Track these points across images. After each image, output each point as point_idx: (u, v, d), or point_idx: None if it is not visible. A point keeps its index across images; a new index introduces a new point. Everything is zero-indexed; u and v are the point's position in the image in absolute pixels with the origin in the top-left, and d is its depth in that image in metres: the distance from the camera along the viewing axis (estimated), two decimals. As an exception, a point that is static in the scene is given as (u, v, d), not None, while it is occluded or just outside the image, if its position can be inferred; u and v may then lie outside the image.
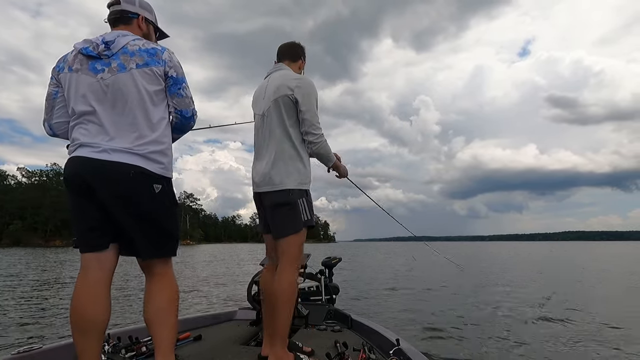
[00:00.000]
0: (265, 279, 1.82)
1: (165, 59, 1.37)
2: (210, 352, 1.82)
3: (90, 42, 1.34)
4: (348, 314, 2.44)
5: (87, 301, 1.28)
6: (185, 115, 1.45)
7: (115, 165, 1.26)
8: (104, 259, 1.32)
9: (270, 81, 1.77)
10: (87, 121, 1.31)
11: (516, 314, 5.26)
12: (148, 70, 1.33)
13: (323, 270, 2.95)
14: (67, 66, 1.36)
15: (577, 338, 3.96)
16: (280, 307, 1.60)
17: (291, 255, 1.65)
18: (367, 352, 1.70)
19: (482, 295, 6.95)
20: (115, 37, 1.35)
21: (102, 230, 1.31)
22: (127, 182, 1.27)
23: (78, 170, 1.29)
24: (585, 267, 14.54)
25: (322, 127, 1.71)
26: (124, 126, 1.30)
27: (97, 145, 1.28)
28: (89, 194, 1.28)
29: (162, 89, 1.38)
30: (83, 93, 1.31)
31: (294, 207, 1.64)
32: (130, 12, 1.44)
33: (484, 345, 3.72)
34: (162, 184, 1.35)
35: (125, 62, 1.32)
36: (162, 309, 1.35)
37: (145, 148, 1.31)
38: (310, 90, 1.69)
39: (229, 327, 2.36)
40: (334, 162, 1.79)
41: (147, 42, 1.39)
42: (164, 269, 1.38)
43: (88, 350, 1.28)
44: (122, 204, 1.28)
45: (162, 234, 1.35)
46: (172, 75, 1.38)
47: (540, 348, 3.62)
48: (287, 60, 1.86)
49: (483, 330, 4.31)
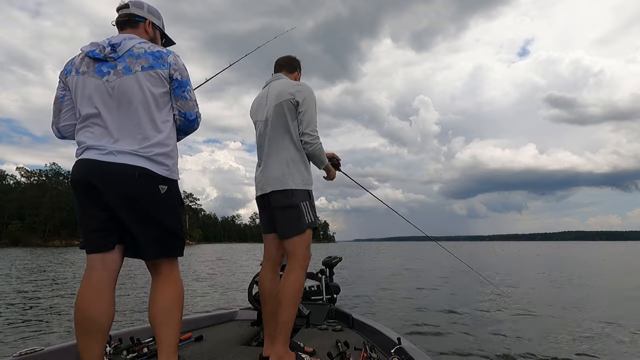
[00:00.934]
0: (263, 279, 1.84)
1: (170, 61, 1.39)
2: (212, 353, 1.82)
3: (97, 45, 1.35)
4: (349, 313, 2.44)
5: (91, 301, 1.29)
6: (189, 118, 1.46)
7: (120, 167, 1.28)
8: (109, 259, 1.34)
9: (270, 89, 1.84)
10: (92, 124, 1.33)
11: (518, 312, 5.27)
12: (153, 72, 1.34)
13: (324, 270, 2.95)
14: (75, 69, 1.37)
15: (582, 334, 3.98)
16: (285, 306, 1.62)
17: (298, 256, 1.69)
18: (369, 351, 1.71)
19: (481, 295, 6.96)
20: (122, 39, 1.36)
21: (107, 232, 1.33)
22: (132, 184, 1.28)
23: (84, 172, 1.30)
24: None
25: (320, 128, 1.77)
26: (129, 128, 1.31)
27: (102, 147, 1.29)
28: (95, 196, 1.29)
29: (167, 91, 1.39)
30: (89, 95, 1.33)
31: (298, 210, 1.69)
32: (138, 16, 1.46)
33: (487, 343, 3.73)
34: (168, 184, 1.36)
35: (130, 65, 1.33)
36: (167, 309, 1.35)
37: (151, 150, 1.32)
38: (309, 95, 1.77)
39: (230, 328, 2.37)
40: (326, 165, 1.87)
41: (153, 45, 1.41)
42: (169, 269, 1.39)
43: (91, 351, 1.28)
44: (128, 205, 1.29)
45: (167, 234, 1.35)
46: (177, 78, 1.40)
47: (543, 344, 3.63)
48: (285, 71, 1.95)
49: (486, 329, 4.32)
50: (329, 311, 2.52)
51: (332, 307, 2.57)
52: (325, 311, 2.51)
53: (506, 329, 4.26)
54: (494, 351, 3.46)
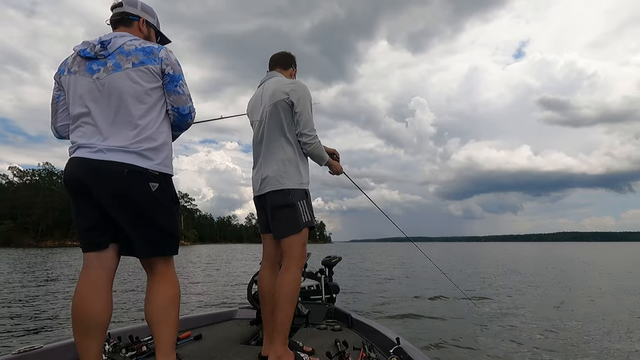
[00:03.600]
0: (261, 278, 1.84)
1: (161, 56, 1.37)
2: (211, 352, 1.82)
3: (88, 44, 1.35)
4: (348, 313, 2.44)
5: (88, 299, 1.29)
6: (182, 113, 1.45)
7: (109, 164, 1.27)
8: (105, 257, 1.33)
9: (265, 88, 1.83)
10: (84, 123, 1.33)
11: (518, 312, 5.31)
12: (144, 68, 1.33)
13: (323, 269, 2.95)
14: (67, 69, 1.38)
15: (577, 337, 4.02)
16: (282, 304, 1.62)
17: (294, 255, 1.69)
18: (368, 351, 1.71)
19: (482, 294, 7.00)
20: (112, 37, 1.36)
21: (101, 230, 1.32)
22: (121, 181, 1.27)
23: (75, 171, 1.30)
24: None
25: (316, 129, 1.76)
26: (119, 125, 1.31)
27: (93, 145, 1.29)
28: (87, 194, 1.29)
29: (159, 86, 1.38)
30: (80, 94, 1.33)
31: (295, 209, 1.69)
32: (132, 15, 1.45)
33: (485, 343, 3.75)
34: (160, 181, 1.34)
35: (120, 62, 1.32)
36: (163, 308, 1.35)
37: (140, 145, 1.31)
38: (304, 93, 1.75)
39: (229, 327, 2.36)
40: (327, 161, 1.86)
41: (144, 42, 1.39)
42: (165, 267, 1.39)
43: (89, 349, 1.27)
44: (118, 203, 1.29)
45: (159, 232, 1.34)
46: (169, 72, 1.38)
47: (541, 346, 3.65)
48: (279, 68, 1.94)
49: (483, 329, 4.35)
50: (328, 311, 2.52)
51: (331, 307, 2.57)
52: (324, 311, 2.51)
53: (506, 331, 4.28)
54: (496, 352, 3.48)
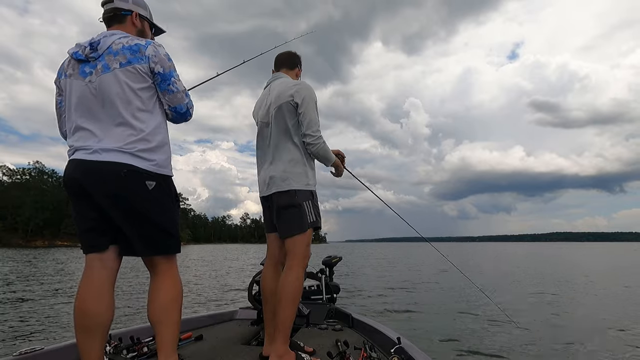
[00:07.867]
0: (264, 277, 1.84)
1: (149, 54, 1.33)
2: (212, 352, 1.81)
3: (79, 46, 1.34)
4: (349, 312, 2.45)
5: (90, 300, 1.28)
6: (180, 111, 1.44)
7: (105, 165, 1.27)
8: (106, 258, 1.33)
9: (271, 90, 1.85)
10: (79, 126, 1.33)
11: (518, 311, 5.36)
12: (131, 68, 1.31)
13: (324, 269, 2.95)
14: (64, 73, 1.38)
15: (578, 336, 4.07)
16: (285, 304, 1.62)
17: (298, 255, 1.69)
18: (368, 350, 1.71)
19: (482, 294, 7.05)
20: (102, 37, 1.35)
21: (100, 231, 1.32)
22: (118, 181, 1.27)
23: (73, 172, 1.30)
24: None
25: (321, 130, 1.77)
26: (113, 126, 1.30)
27: (89, 147, 1.29)
28: (85, 196, 1.29)
29: (149, 85, 1.36)
30: (76, 97, 1.33)
31: (300, 209, 1.70)
32: (124, 10, 1.42)
33: (486, 342, 3.78)
34: (157, 180, 1.33)
35: (109, 62, 1.31)
36: (165, 307, 1.34)
37: (134, 146, 1.30)
38: (308, 94, 1.76)
39: (230, 327, 2.36)
40: (334, 162, 1.86)
41: (132, 39, 1.36)
42: (167, 266, 1.38)
43: (91, 350, 1.27)
44: (116, 204, 1.28)
45: (158, 231, 1.34)
46: (159, 71, 1.35)
47: (542, 344, 3.69)
48: (285, 69, 1.95)
49: (484, 328, 4.38)
50: (328, 311, 2.52)
51: (332, 307, 2.57)
52: (325, 311, 2.51)
53: (506, 330, 4.32)
54: (496, 351, 3.51)
